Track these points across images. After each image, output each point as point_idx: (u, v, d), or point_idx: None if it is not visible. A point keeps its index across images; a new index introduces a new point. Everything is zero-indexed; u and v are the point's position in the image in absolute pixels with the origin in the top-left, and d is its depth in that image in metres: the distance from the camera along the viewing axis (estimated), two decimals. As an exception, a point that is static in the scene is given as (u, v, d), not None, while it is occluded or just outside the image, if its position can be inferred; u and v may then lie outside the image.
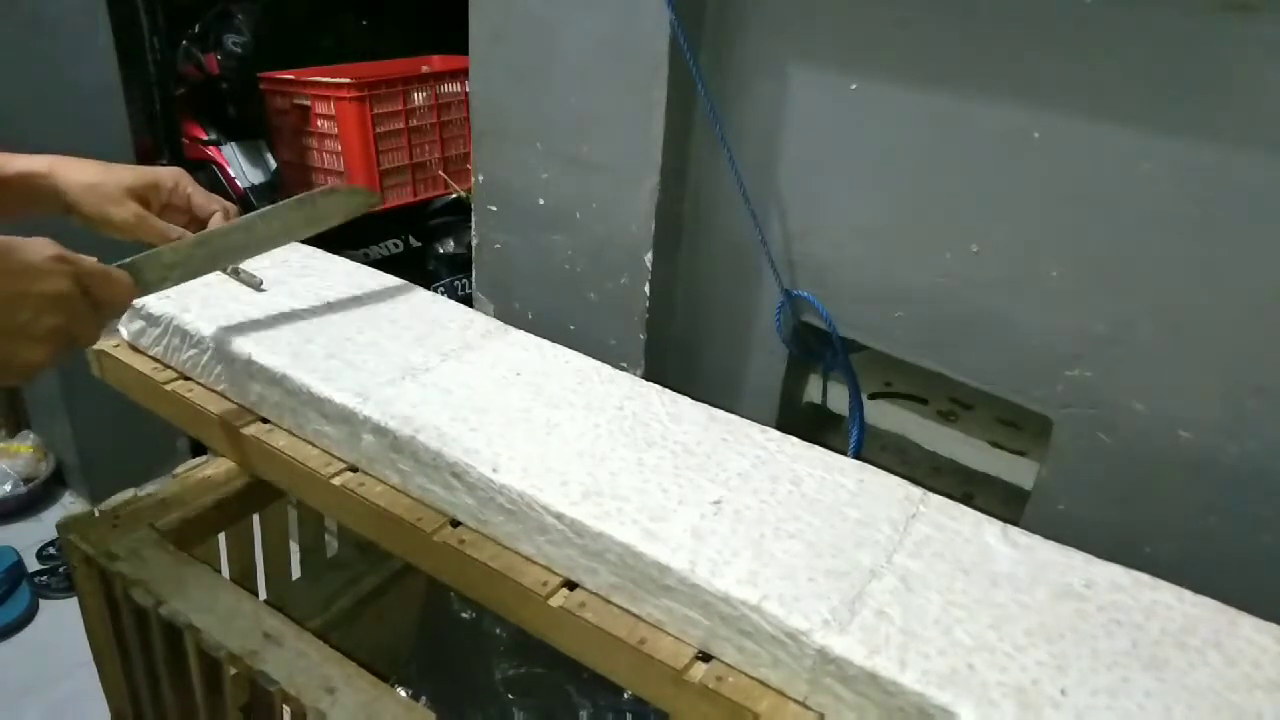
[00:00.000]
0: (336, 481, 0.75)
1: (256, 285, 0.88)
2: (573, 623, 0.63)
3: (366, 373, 0.78)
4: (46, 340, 0.58)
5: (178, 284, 0.72)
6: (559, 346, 0.86)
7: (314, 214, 0.80)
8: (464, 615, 1.04)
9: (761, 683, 0.58)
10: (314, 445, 0.79)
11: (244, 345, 0.82)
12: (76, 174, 0.78)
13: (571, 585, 0.65)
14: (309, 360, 0.80)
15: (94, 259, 0.62)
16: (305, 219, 0.79)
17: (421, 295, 0.96)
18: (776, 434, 0.75)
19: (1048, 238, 0.85)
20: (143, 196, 0.79)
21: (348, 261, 1.02)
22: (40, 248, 0.59)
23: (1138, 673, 0.53)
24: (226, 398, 0.84)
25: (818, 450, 0.73)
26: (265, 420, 0.82)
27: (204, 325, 0.84)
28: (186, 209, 0.81)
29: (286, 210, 0.78)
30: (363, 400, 0.74)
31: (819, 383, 1.14)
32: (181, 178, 0.81)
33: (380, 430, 0.72)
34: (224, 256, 0.75)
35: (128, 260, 0.67)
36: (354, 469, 0.76)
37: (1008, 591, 0.59)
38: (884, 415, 1.09)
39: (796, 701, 0.57)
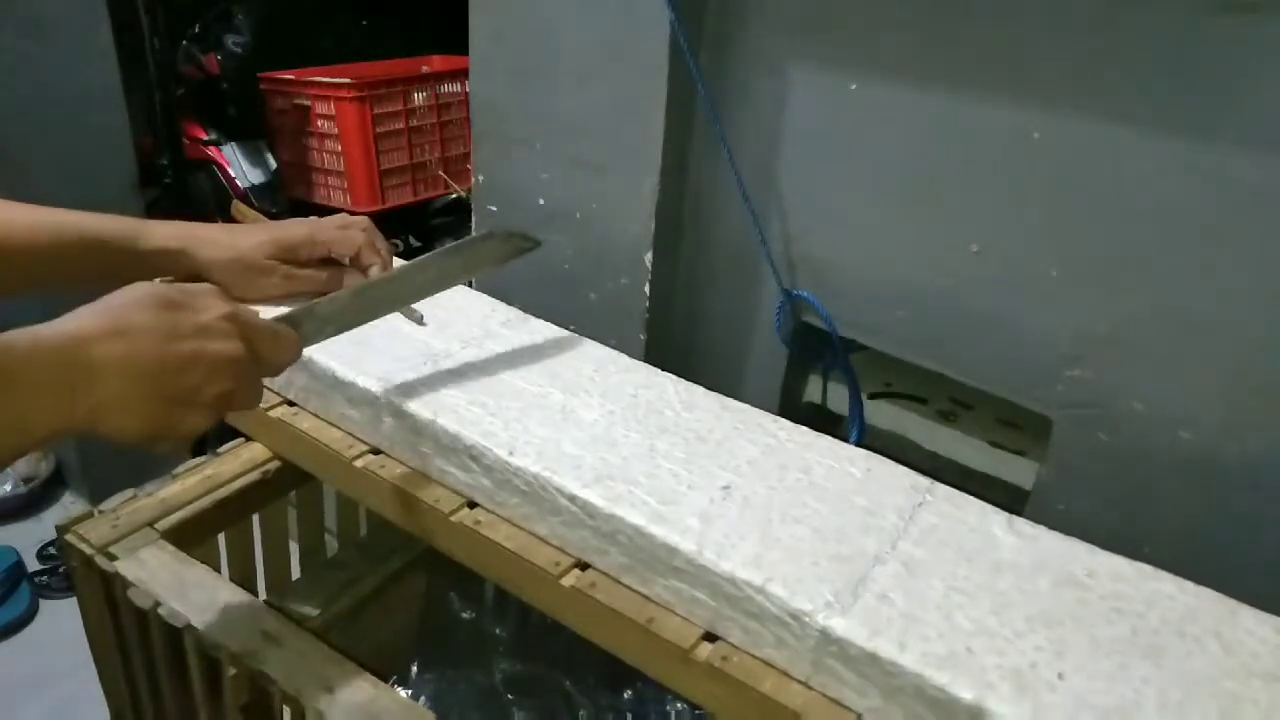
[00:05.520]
0: (359, 464, 0.76)
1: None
2: (584, 602, 0.64)
3: (389, 358, 0.79)
4: (212, 406, 0.53)
5: (333, 336, 0.69)
6: (577, 335, 0.87)
7: (470, 260, 0.79)
8: (464, 615, 1.04)
9: (765, 662, 0.59)
10: (338, 428, 0.80)
11: None
12: (215, 250, 0.78)
13: (583, 566, 0.66)
14: (334, 345, 0.80)
15: (259, 315, 0.59)
16: (462, 265, 0.78)
17: None
18: (788, 424, 0.75)
19: (1048, 238, 0.85)
20: (284, 258, 0.80)
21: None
22: (211, 304, 0.54)
23: (1136, 659, 0.53)
24: None
25: (827, 440, 0.74)
26: (292, 403, 0.83)
27: None
28: (327, 254, 0.82)
29: (442, 257, 0.76)
30: (385, 385, 0.75)
31: (819, 383, 1.14)
32: (316, 230, 0.81)
33: (401, 414, 0.74)
34: (379, 308, 0.73)
35: (286, 314, 0.64)
36: (376, 451, 0.78)
37: (1010, 579, 0.59)
38: (884, 415, 1.09)
39: (799, 681, 0.57)
